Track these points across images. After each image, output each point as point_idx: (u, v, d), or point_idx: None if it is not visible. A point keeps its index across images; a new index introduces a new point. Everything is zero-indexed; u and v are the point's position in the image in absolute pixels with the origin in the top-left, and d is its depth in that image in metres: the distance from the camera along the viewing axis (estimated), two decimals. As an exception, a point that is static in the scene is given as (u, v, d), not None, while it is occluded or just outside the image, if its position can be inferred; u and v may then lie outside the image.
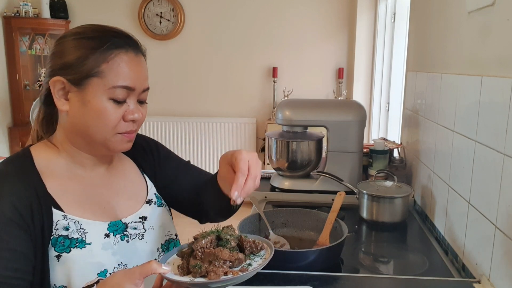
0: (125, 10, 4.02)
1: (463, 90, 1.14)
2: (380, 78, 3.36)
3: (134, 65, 0.86)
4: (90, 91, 0.83)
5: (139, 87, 0.87)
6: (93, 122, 0.85)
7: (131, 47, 0.87)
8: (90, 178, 0.93)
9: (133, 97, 0.87)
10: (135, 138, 0.93)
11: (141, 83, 0.88)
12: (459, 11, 1.20)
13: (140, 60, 0.89)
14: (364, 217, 1.44)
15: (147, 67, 0.92)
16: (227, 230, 0.84)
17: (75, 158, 0.91)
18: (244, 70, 4.04)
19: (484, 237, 0.98)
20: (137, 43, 0.90)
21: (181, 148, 4.10)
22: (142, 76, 0.88)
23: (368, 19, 3.54)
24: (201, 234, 0.81)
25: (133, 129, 0.90)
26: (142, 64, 0.89)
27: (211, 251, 0.77)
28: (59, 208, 0.84)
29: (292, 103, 1.72)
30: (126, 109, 0.86)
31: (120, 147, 0.90)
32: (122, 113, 0.86)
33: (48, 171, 0.87)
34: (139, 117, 0.89)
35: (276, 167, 1.73)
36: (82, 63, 0.83)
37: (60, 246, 0.82)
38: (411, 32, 1.83)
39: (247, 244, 0.82)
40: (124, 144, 0.90)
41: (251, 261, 0.80)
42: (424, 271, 1.10)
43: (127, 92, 0.85)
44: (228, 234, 0.82)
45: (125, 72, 0.84)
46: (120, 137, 0.88)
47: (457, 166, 1.17)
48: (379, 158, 1.72)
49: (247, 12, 3.94)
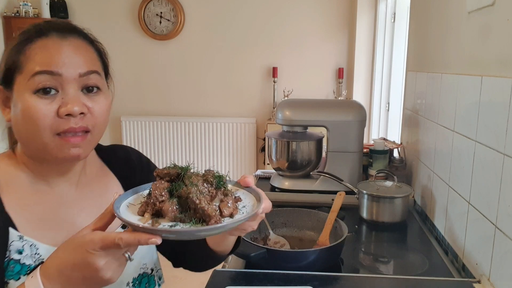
0: (125, 10, 4.01)
1: (463, 90, 1.14)
2: (380, 78, 3.36)
3: (57, 48, 0.73)
4: (16, 90, 0.74)
5: (69, 71, 0.73)
6: (25, 126, 0.73)
7: (56, 31, 0.75)
8: (55, 196, 0.80)
9: (69, 85, 0.73)
10: (89, 144, 0.77)
11: (73, 66, 0.73)
12: (459, 11, 1.20)
13: (70, 43, 0.75)
14: (364, 217, 1.44)
15: (93, 50, 0.79)
16: (198, 177, 0.70)
17: (36, 171, 0.79)
18: (244, 70, 4.04)
19: (484, 237, 0.98)
20: (65, 26, 0.77)
21: (181, 148, 4.10)
22: (74, 58, 0.74)
23: (368, 19, 3.53)
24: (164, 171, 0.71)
25: (75, 127, 0.73)
26: (72, 47, 0.75)
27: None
28: (16, 228, 0.73)
29: (292, 103, 1.72)
30: (61, 101, 0.72)
31: (62, 154, 0.74)
32: (55, 108, 0.72)
33: (6, 185, 0.76)
34: (78, 110, 0.72)
35: (276, 167, 1.73)
36: (4, 63, 0.75)
37: (9, 271, 0.71)
38: (411, 32, 1.83)
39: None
40: (66, 150, 0.74)
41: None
42: (424, 271, 1.10)
43: (53, 79, 0.72)
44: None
45: (44, 57, 0.72)
46: (58, 140, 0.73)
47: (457, 166, 1.17)
48: (379, 158, 1.72)
49: (247, 12, 3.94)
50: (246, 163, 4.05)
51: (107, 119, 0.81)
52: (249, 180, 0.74)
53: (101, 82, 0.78)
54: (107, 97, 0.80)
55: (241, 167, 4.06)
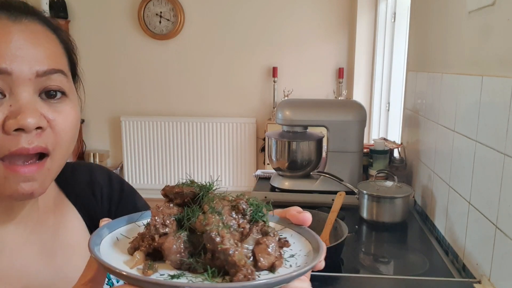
0: (125, 9, 4.01)
1: (464, 90, 1.14)
2: (381, 78, 3.36)
3: (6, 34, 0.51)
4: None
5: (22, 68, 0.51)
6: None
7: (5, 11, 0.53)
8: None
9: (21, 87, 0.51)
10: (56, 172, 0.56)
11: (29, 60, 0.51)
12: (460, 11, 1.20)
13: (25, 29, 0.53)
14: (364, 217, 1.44)
15: (58, 41, 0.58)
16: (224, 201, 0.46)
17: None
18: (244, 70, 4.04)
19: (485, 237, 0.97)
20: (18, 5, 0.55)
21: (181, 148, 4.09)
22: (30, 50, 0.52)
23: (368, 19, 3.53)
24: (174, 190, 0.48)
25: (27, 147, 0.50)
26: (29, 34, 0.53)
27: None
28: None
29: (292, 103, 1.72)
30: (8, 110, 0.50)
31: (8, 190, 0.51)
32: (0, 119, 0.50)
33: None
34: (34, 122, 0.50)
35: (276, 167, 1.72)
36: None
37: None
38: (411, 32, 1.83)
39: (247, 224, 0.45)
40: (14, 184, 0.51)
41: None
42: (424, 271, 1.10)
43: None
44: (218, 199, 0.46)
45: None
46: (2, 169, 0.50)
47: (457, 166, 1.16)
48: (379, 158, 1.72)
49: (247, 11, 3.94)
50: (246, 163, 4.05)
51: (75, 136, 0.58)
52: (305, 216, 0.49)
53: (67, 85, 0.56)
54: (74, 105, 0.57)
55: (241, 167, 4.06)
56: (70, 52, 0.61)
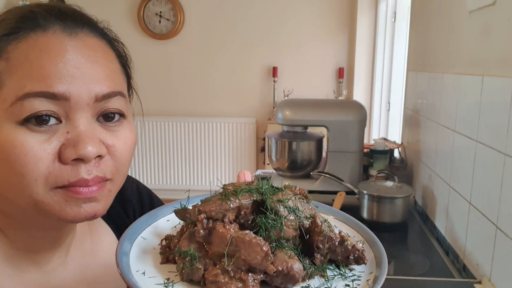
0: (124, 9, 4.01)
1: (464, 90, 1.13)
2: (381, 78, 3.36)
3: (62, 52, 0.46)
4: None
5: (81, 91, 0.46)
6: (4, 174, 0.46)
7: (60, 23, 0.48)
8: (42, 281, 0.55)
9: (79, 113, 0.47)
10: (114, 192, 0.52)
11: (87, 82, 0.47)
12: (460, 11, 1.19)
13: (82, 45, 0.48)
14: (365, 217, 1.44)
15: (114, 56, 0.54)
16: (286, 193, 0.44)
17: (16, 242, 0.53)
18: (244, 69, 4.04)
19: (485, 238, 0.97)
20: (73, 15, 0.50)
21: (181, 148, 4.09)
22: (89, 69, 0.47)
23: (368, 18, 3.53)
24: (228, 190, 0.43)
25: (87, 178, 0.47)
26: (87, 51, 0.48)
27: (236, 235, 0.38)
28: None
29: (292, 103, 1.72)
30: (64, 137, 0.46)
31: (69, 214, 0.48)
32: (55, 147, 0.46)
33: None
34: (94, 151, 0.47)
35: (276, 167, 1.72)
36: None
37: None
38: (411, 32, 1.83)
39: (323, 238, 0.41)
40: (75, 207, 0.48)
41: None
42: (424, 271, 1.10)
43: (54, 104, 0.45)
44: (285, 200, 0.42)
45: (40, 67, 0.45)
46: (61, 194, 0.47)
47: (458, 166, 1.16)
48: (380, 158, 1.72)
49: (247, 11, 3.93)
50: (246, 163, 4.05)
51: (132, 157, 0.54)
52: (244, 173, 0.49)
53: (125, 107, 0.53)
54: (132, 128, 0.54)
55: (241, 167, 4.06)
56: (126, 67, 0.58)
